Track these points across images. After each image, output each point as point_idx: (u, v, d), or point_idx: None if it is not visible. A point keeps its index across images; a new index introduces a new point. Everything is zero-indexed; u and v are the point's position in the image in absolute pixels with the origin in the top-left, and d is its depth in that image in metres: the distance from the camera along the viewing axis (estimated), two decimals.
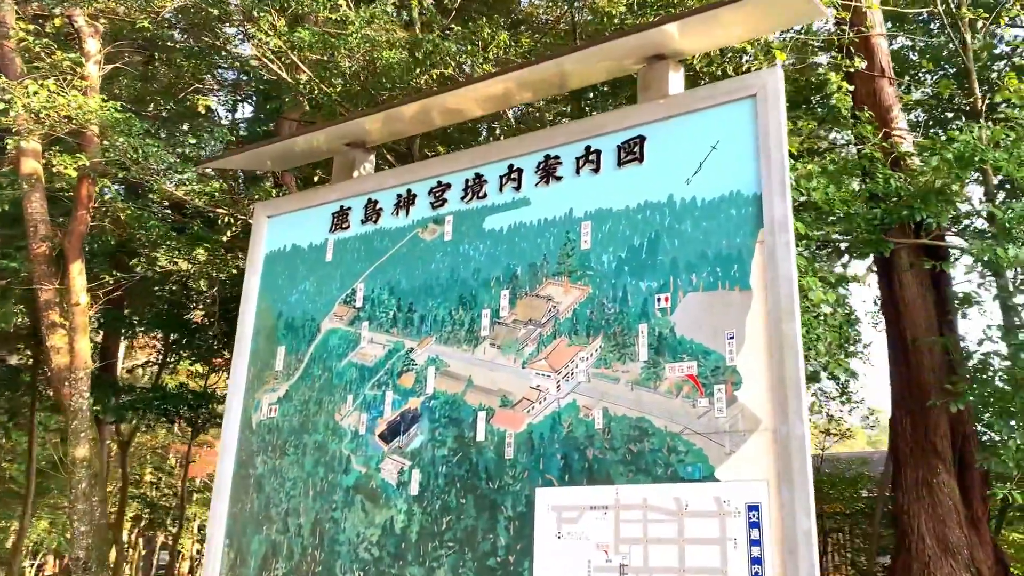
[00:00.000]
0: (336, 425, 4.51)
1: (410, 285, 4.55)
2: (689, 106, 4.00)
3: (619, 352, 3.79)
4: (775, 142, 3.68)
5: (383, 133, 5.20)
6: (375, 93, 6.87)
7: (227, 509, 4.71)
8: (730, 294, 3.62)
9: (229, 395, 4.98)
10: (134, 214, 8.55)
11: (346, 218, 4.93)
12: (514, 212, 4.34)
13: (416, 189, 4.72)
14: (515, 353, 4.08)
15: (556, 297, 4.06)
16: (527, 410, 3.94)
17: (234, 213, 8.33)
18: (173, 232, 8.68)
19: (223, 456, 4.84)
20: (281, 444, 4.66)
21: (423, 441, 4.19)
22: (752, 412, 3.42)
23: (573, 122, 4.98)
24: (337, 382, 4.60)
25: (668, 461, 3.53)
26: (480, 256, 4.37)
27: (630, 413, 3.67)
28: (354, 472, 4.35)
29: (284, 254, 5.14)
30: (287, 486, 4.55)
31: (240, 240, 8.91)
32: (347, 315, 4.72)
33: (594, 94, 7.53)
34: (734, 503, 3.34)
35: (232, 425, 4.87)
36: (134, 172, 7.52)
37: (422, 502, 4.08)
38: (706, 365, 3.57)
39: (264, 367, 4.93)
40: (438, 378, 4.27)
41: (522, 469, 3.86)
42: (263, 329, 5.02)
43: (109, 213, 8.61)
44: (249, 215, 8.23)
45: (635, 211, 3.98)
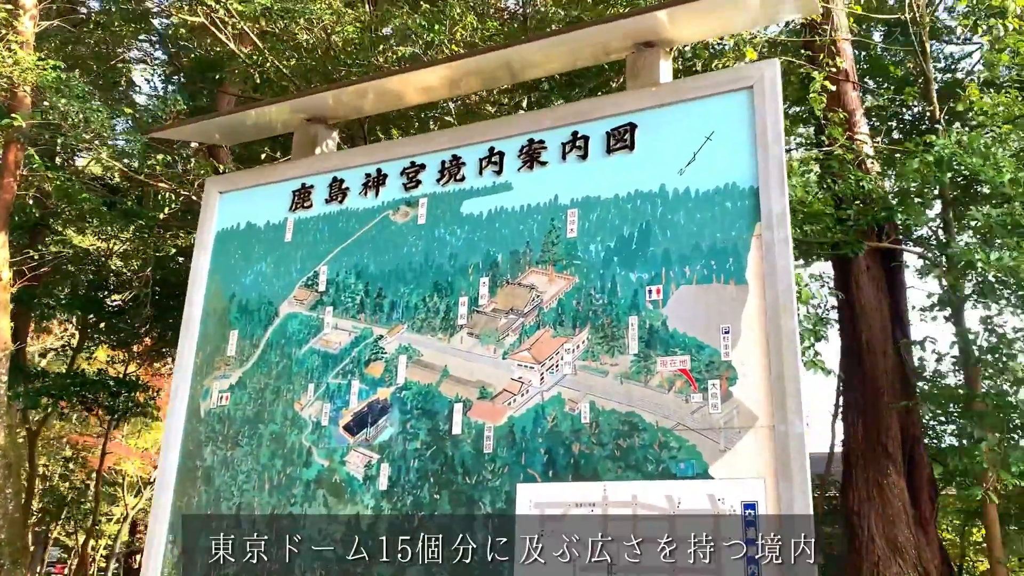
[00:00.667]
0: (296, 415, 4.24)
1: (379, 270, 4.32)
2: (682, 95, 3.91)
3: (607, 344, 3.67)
4: (773, 136, 3.62)
5: (347, 109, 4.94)
6: (332, 69, 6.53)
7: (171, 503, 4.39)
8: (725, 288, 3.53)
9: (175, 381, 4.64)
10: (63, 185, 7.90)
11: (308, 196, 4.66)
12: (494, 197, 4.16)
13: (387, 169, 4.49)
14: (495, 343, 3.91)
15: (540, 286, 3.90)
16: (508, 403, 3.77)
17: (176, 189, 7.81)
18: (104, 207, 8.09)
19: (167, 446, 4.50)
20: (233, 434, 4.37)
21: (393, 434, 3.98)
22: (748, 408, 3.34)
23: (560, 106, 4.85)
24: (297, 370, 4.33)
25: (660, 457, 3.42)
26: (457, 241, 4.18)
27: (619, 407, 3.55)
28: (316, 465, 4.10)
29: (237, 232, 4.82)
30: (240, 479, 4.26)
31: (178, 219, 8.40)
32: (308, 299, 4.46)
33: (549, 85, 7.41)
34: (729, 501, 3.25)
35: (177, 413, 4.54)
36: (72, 137, 6.94)
37: (391, 498, 3.86)
38: (700, 360, 3.48)
39: (214, 352, 4.61)
40: (410, 368, 4.06)
41: (502, 464, 3.69)
42: (213, 312, 4.70)
43: (35, 184, 7.96)
44: (192, 191, 7.77)
45: (625, 200, 3.86)
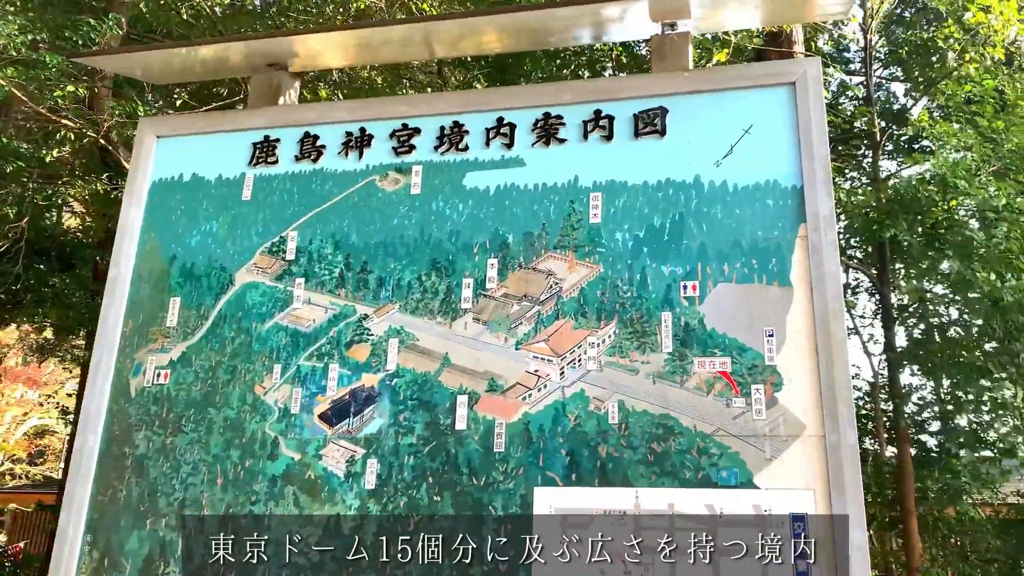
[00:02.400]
0: (257, 400, 3.68)
1: (363, 241, 3.83)
2: (717, 84, 3.72)
3: (638, 340, 3.41)
4: (818, 136, 3.50)
5: (314, 58, 4.38)
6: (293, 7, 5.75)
7: (89, 496, 3.68)
8: (768, 289, 3.37)
9: (96, 352, 3.91)
10: None
11: (273, 151, 4.08)
12: (504, 172, 3.80)
13: (373, 129, 4.00)
14: (506, 331, 3.55)
15: (558, 273, 3.59)
16: (522, 397, 3.43)
17: (81, 129, 6.64)
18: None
19: (84, 429, 3.78)
20: (174, 418, 3.73)
21: (382, 426, 3.52)
22: (795, 416, 3.19)
23: (581, 81, 4.54)
24: (259, 348, 3.76)
25: (698, 464, 3.20)
26: (459, 217, 3.78)
27: (652, 409, 3.30)
28: (283, 458, 3.56)
29: (180, 185, 4.15)
30: (184, 471, 3.64)
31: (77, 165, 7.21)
32: (273, 268, 3.89)
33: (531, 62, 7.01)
34: (776, 512, 3.09)
35: (99, 390, 3.83)
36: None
37: (380, 498, 3.41)
38: (741, 362, 3.30)
39: (148, 321, 3.93)
40: (403, 353, 3.61)
41: (516, 465, 3.34)
42: (148, 274, 4.01)
43: None
44: (99, 132, 6.64)
45: (655, 188, 3.62)
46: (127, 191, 4.17)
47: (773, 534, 3.07)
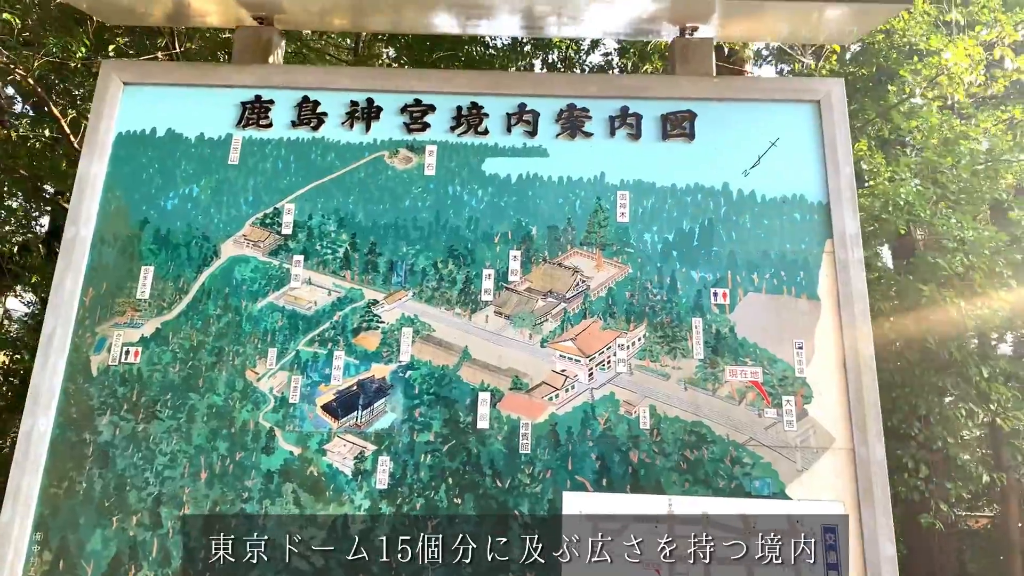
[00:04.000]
0: (249, 386, 3.31)
1: (371, 220, 3.55)
2: (745, 94, 3.73)
3: (668, 345, 3.35)
4: (843, 155, 3.58)
5: (304, 16, 4.01)
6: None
7: (40, 488, 3.19)
8: (797, 301, 3.41)
9: (48, 322, 3.40)
10: None
11: (265, 113, 3.70)
12: (526, 160, 3.63)
13: (382, 101, 3.72)
14: (530, 328, 3.39)
15: (585, 270, 3.47)
16: (549, 397, 3.29)
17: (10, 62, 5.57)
18: None
19: (33, 410, 3.27)
20: (147, 403, 3.30)
21: (395, 421, 3.27)
22: (825, 429, 3.24)
23: (607, 75, 4.39)
24: (250, 328, 3.39)
25: (732, 473, 3.19)
26: (478, 204, 3.58)
27: (684, 415, 3.26)
28: (281, 452, 3.23)
29: (152, 141, 3.68)
30: (159, 462, 3.22)
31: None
32: (266, 241, 3.53)
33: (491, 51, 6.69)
34: (808, 523, 3.12)
35: (51, 367, 3.32)
36: None
37: (394, 499, 3.16)
38: (772, 373, 3.31)
39: (114, 291, 3.46)
40: (418, 344, 3.37)
41: (543, 468, 3.20)
42: (113, 238, 3.53)
43: None
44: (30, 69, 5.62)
45: (684, 192, 3.58)
46: (87, 140, 3.66)
47: (805, 545, 3.09)
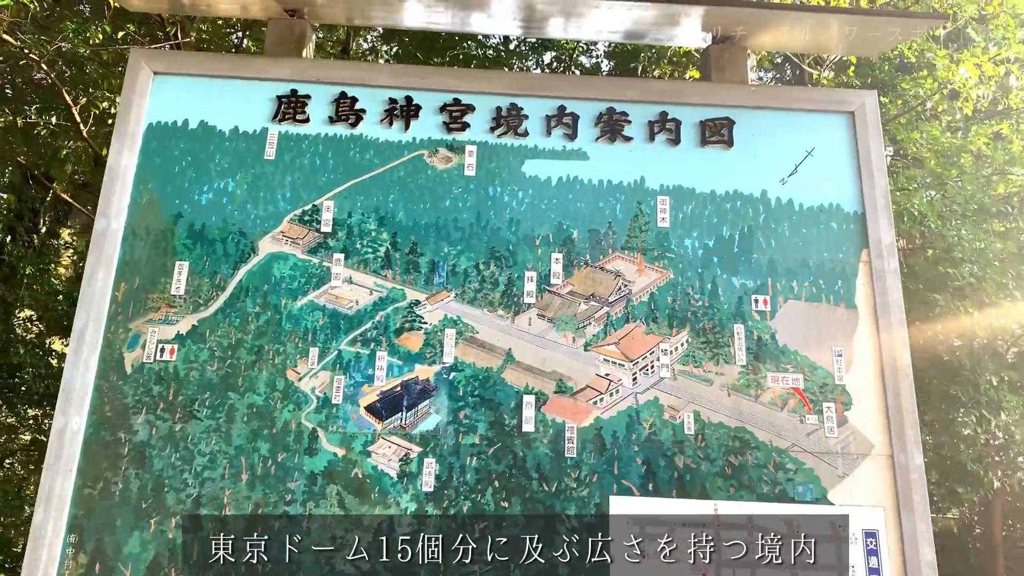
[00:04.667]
0: (290, 386, 3.26)
1: (412, 220, 3.51)
2: (781, 102, 3.78)
3: (711, 351, 3.38)
4: (877, 166, 3.65)
5: (333, 8, 3.94)
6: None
7: (74, 489, 3.09)
8: (835, 309, 3.46)
9: (79, 318, 3.30)
10: None
11: (303, 108, 3.64)
12: (566, 163, 3.63)
13: (420, 99, 3.68)
14: (573, 331, 3.39)
15: (627, 274, 3.48)
16: (593, 401, 3.29)
17: (24, 47, 5.28)
18: None
19: (65, 408, 3.17)
20: (185, 401, 3.22)
21: (440, 423, 3.24)
22: (864, 436, 3.30)
23: (644, 79, 4.38)
24: (290, 327, 3.33)
25: (775, 479, 3.23)
26: (519, 206, 3.56)
27: (727, 421, 3.29)
28: (325, 453, 3.18)
29: (184, 132, 3.59)
30: (198, 463, 3.15)
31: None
32: (305, 239, 3.47)
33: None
34: (850, 528, 3.17)
35: (83, 363, 3.22)
36: None
37: (441, 502, 3.14)
38: (813, 380, 3.36)
39: (148, 286, 3.37)
40: (461, 345, 3.35)
41: (589, 472, 3.20)
42: (146, 232, 3.44)
43: None
44: (44, 55, 5.37)
45: (723, 198, 3.61)
46: (117, 131, 3.56)
47: (847, 549, 3.14)
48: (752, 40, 3.94)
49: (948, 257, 5.60)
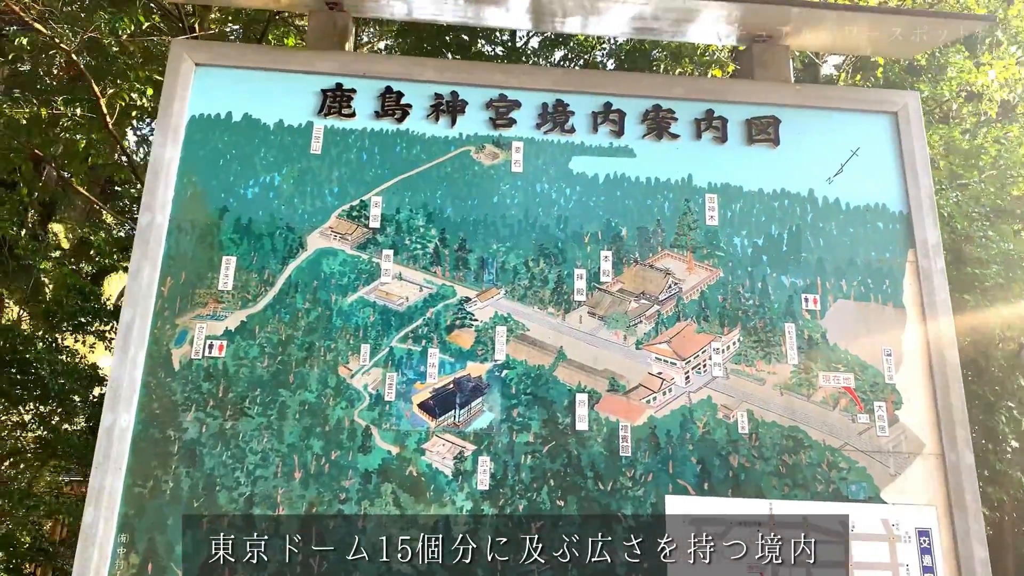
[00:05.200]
0: (342, 383, 3.22)
1: (460, 216, 3.48)
2: (825, 102, 3.79)
3: (763, 350, 3.38)
4: (922, 166, 3.66)
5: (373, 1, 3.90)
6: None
7: (123, 488, 3.04)
8: (884, 309, 3.47)
9: (126, 313, 3.24)
10: None
11: (348, 102, 3.59)
12: (612, 160, 3.62)
13: (467, 95, 3.65)
14: (624, 329, 3.38)
15: (677, 272, 3.47)
16: (646, 400, 3.28)
17: (55, 38, 5.12)
18: None
19: (113, 405, 3.11)
20: (235, 399, 3.17)
21: (494, 421, 3.22)
22: (915, 434, 3.31)
23: (690, 77, 4.37)
24: (341, 323, 3.29)
25: (829, 478, 3.23)
26: (567, 203, 3.54)
27: (780, 420, 3.29)
28: (378, 451, 3.15)
29: (228, 125, 3.54)
30: (250, 460, 3.10)
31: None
32: (354, 235, 3.43)
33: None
34: (903, 527, 3.18)
35: (131, 360, 3.16)
36: None
37: (497, 500, 3.11)
38: (864, 379, 3.37)
39: (195, 281, 3.31)
40: (512, 343, 3.33)
41: (644, 471, 3.19)
42: (191, 226, 3.38)
43: None
44: (71, 45, 5.23)
45: (771, 197, 3.61)
46: (159, 123, 3.50)
47: (901, 548, 3.16)
48: (795, 39, 3.94)
49: (975, 258, 5.66)
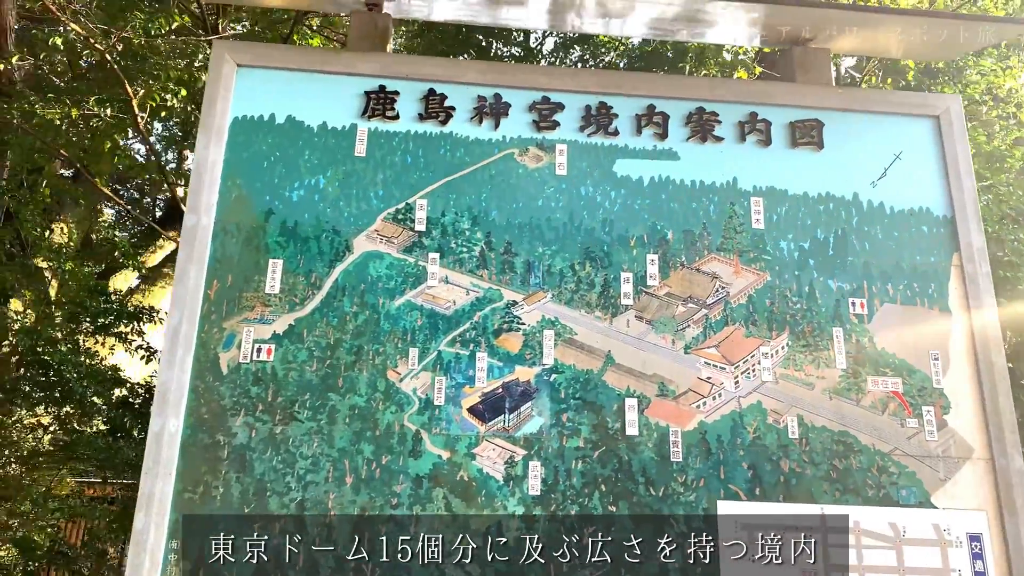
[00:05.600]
0: (391, 387, 3.20)
1: (505, 219, 3.46)
2: (867, 105, 3.78)
3: (811, 355, 3.37)
4: (964, 170, 3.66)
5: (413, 1, 3.88)
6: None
7: (174, 494, 3.01)
8: (930, 312, 3.47)
9: (172, 317, 3.21)
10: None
11: (392, 104, 3.57)
12: (657, 163, 3.60)
13: (509, 97, 3.63)
14: (672, 333, 3.36)
15: (724, 276, 3.46)
16: (696, 405, 3.27)
17: (88, 35, 5.04)
18: None
19: (162, 409, 3.08)
20: (284, 403, 3.14)
21: (544, 426, 3.20)
22: (963, 439, 3.31)
23: (732, 80, 4.35)
24: (389, 327, 3.27)
25: (879, 482, 3.22)
26: (612, 206, 3.53)
27: (830, 425, 3.28)
28: (429, 455, 3.13)
29: (272, 127, 3.51)
30: (300, 465, 3.08)
31: None
32: (400, 237, 3.41)
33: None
34: (954, 532, 3.18)
35: (179, 363, 3.14)
36: None
37: (548, 506, 3.10)
38: (911, 383, 3.37)
39: (241, 284, 3.29)
40: (560, 347, 3.31)
41: (696, 476, 3.18)
42: (237, 228, 3.35)
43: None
44: (106, 43, 5.18)
45: (816, 200, 3.60)
46: (203, 124, 3.47)
47: (953, 552, 3.15)
48: (836, 42, 3.94)
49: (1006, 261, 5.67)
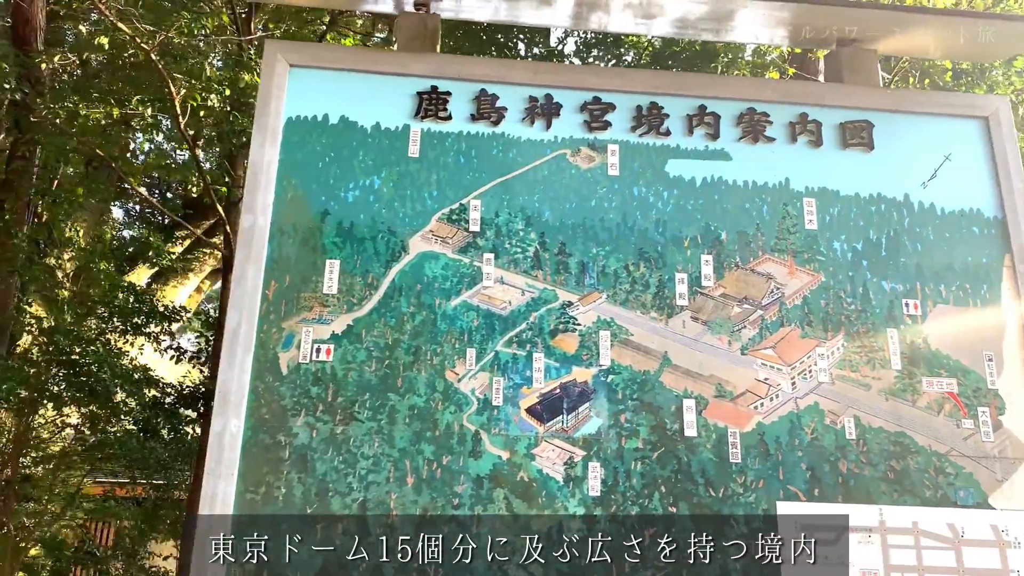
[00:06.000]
0: (450, 387, 3.20)
1: (558, 220, 3.47)
2: (916, 107, 3.79)
3: (867, 356, 3.38)
4: (1015, 171, 3.67)
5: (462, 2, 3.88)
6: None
7: (236, 494, 3.01)
8: (983, 313, 3.48)
9: (231, 317, 3.21)
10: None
11: (444, 105, 3.57)
12: (709, 163, 3.61)
13: (560, 97, 3.63)
14: (729, 334, 3.37)
15: (778, 277, 3.46)
16: (754, 406, 3.27)
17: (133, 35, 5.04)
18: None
19: (223, 409, 3.08)
20: (344, 403, 3.14)
21: (602, 427, 3.20)
22: (1019, 440, 3.31)
23: (781, 80, 4.36)
24: (446, 328, 3.27)
25: (937, 483, 3.23)
26: (665, 206, 3.53)
27: (887, 426, 3.28)
28: (489, 456, 3.13)
29: (326, 127, 3.51)
30: (362, 466, 3.08)
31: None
32: (455, 238, 3.41)
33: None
34: (1013, 533, 3.19)
35: (239, 364, 3.14)
36: None
37: (608, 506, 3.10)
38: (966, 384, 3.37)
39: (299, 285, 3.29)
40: (616, 347, 3.31)
41: (755, 477, 3.18)
42: (294, 229, 3.35)
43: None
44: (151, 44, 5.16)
45: (867, 201, 3.61)
46: (257, 125, 3.46)
47: (1012, 553, 3.16)
48: (883, 43, 3.94)
49: None
